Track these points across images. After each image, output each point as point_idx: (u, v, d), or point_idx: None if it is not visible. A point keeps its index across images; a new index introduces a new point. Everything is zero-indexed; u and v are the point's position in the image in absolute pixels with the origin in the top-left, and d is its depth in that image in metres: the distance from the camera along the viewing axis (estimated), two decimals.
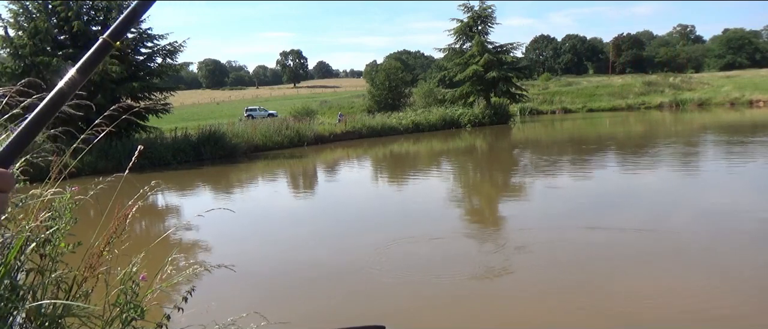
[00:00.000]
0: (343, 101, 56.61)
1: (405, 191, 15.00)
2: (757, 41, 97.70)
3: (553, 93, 55.36)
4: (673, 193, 11.88)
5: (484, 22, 39.32)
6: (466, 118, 35.63)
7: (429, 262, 7.43)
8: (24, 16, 21.50)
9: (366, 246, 8.27)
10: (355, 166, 22.39)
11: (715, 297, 5.70)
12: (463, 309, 5.81)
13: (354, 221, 11.00)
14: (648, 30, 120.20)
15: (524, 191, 13.67)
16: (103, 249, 2.33)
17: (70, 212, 2.28)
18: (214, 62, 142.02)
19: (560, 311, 5.60)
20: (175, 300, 2.54)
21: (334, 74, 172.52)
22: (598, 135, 29.14)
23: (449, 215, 11.15)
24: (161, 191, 14.84)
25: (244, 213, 11.78)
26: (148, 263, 2.40)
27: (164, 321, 2.34)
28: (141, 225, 10.95)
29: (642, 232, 8.36)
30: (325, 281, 6.90)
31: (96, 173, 5.32)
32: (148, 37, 23.73)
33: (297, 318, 5.55)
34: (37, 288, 2.11)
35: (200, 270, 2.61)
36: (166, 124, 26.93)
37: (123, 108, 2.93)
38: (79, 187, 2.39)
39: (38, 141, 2.76)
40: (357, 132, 30.58)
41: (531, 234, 8.70)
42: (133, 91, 21.81)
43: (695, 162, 16.93)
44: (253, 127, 27.96)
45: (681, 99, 48.34)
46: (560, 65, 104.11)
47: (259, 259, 8.11)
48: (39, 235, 2.17)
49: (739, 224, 8.44)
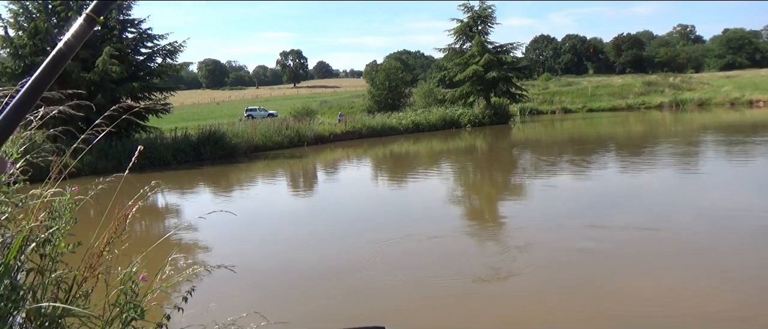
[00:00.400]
0: (343, 101, 56.62)
1: (405, 191, 15.00)
2: (757, 41, 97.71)
3: (553, 93, 55.38)
4: (673, 193, 11.88)
5: (484, 22, 39.33)
6: (466, 118, 35.64)
7: (429, 262, 7.43)
8: (24, 16, 21.51)
9: (366, 246, 8.27)
10: (355, 166, 22.39)
11: (715, 297, 5.71)
12: (463, 309, 5.81)
13: (354, 221, 11.01)
14: (648, 30, 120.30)
15: (524, 191, 13.67)
16: (103, 249, 2.33)
17: (70, 212, 2.28)
18: (214, 62, 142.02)
19: (560, 311, 5.60)
20: (175, 300, 2.54)
21: (334, 74, 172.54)
22: (598, 135, 29.15)
23: (449, 215, 11.15)
24: (161, 191, 14.85)
25: (244, 213, 11.78)
26: (148, 263, 2.40)
27: (164, 321, 2.33)
28: (141, 225, 10.95)
29: (642, 232, 8.35)
30: (325, 281, 6.90)
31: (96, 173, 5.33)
32: (148, 37, 23.74)
33: (297, 318, 5.55)
34: (37, 288, 2.11)
35: (200, 270, 2.61)
36: (166, 124, 26.94)
37: (123, 108, 2.92)
38: (79, 187, 2.39)
39: (38, 141, 2.76)
40: (357, 132, 30.59)
41: (531, 234, 8.70)
42: (133, 91, 21.81)
43: (695, 162, 16.93)
44: (253, 127, 27.97)
45: (681, 99, 48.34)
46: (560, 65, 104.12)
47: (259, 259, 8.11)
48: (39, 235, 2.17)
49: (739, 224, 8.44)
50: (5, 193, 2.15)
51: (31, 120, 2.40)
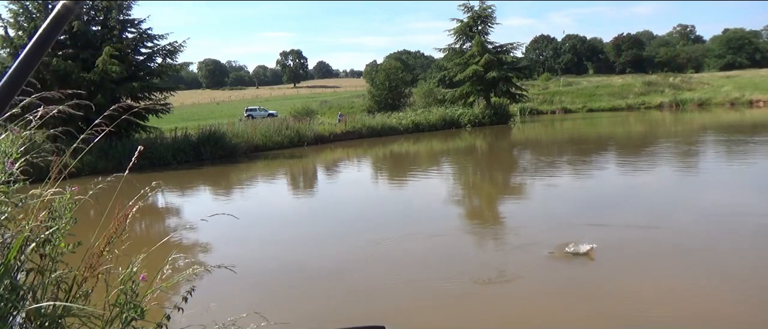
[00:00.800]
0: (343, 101, 56.62)
1: (405, 191, 15.00)
2: (757, 41, 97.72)
3: (553, 93, 55.39)
4: (673, 193, 11.88)
5: (484, 22, 39.33)
6: (466, 118, 35.64)
7: (429, 262, 7.43)
8: (24, 16, 21.51)
9: (366, 246, 8.28)
10: (355, 166, 22.40)
11: (715, 297, 5.71)
12: (463, 309, 5.81)
13: (354, 221, 11.00)
14: (648, 30, 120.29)
15: (524, 191, 13.67)
16: (103, 249, 2.33)
17: (70, 212, 2.28)
18: (214, 62, 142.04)
19: (560, 311, 5.60)
20: (175, 300, 2.53)
21: (334, 74, 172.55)
22: (598, 135, 29.15)
23: (449, 215, 11.15)
24: (161, 191, 14.85)
25: (244, 213, 11.78)
26: (148, 263, 2.40)
27: (164, 321, 2.33)
28: (141, 226, 10.95)
29: (642, 232, 8.35)
30: (325, 281, 6.90)
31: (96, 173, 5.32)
32: (148, 37, 23.73)
33: (297, 318, 5.55)
34: (37, 288, 2.11)
35: (200, 271, 2.61)
36: (166, 124, 26.94)
37: (123, 108, 2.92)
38: (79, 187, 2.39)
39: (38, 141, 2.76)
40: (357, 132, 30.59)
41: (531, 234, 8.70)
42: (133, 91, 21.80)
43: (695, 162, 16.93)
44: (253, 127, 27.97)
45: (681, 99, 48.35)
46: (560, 65, 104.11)
47: (259, 259, 8.11)
48: (39, 235, 2.17)
49: (739, 224, 8.44)
50: (5, 193, 2.15)
51: (30, 120, 2.40)
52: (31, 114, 2.42)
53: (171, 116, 26.62)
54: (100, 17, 23.09)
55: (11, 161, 2.20)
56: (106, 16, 22.90)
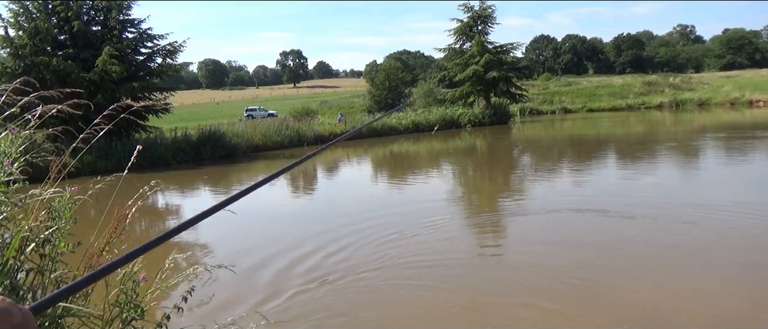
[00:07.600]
0: (343, 101, 56.63)
1: (405, 191, 14.99)
2: (757, 41, 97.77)
3: (553, 93, 55.41)
4: (673, 193, 11.86)
5: (484, 22, 39.35)
6: (466, 118, 35.64)
7: (429, 262, 7.42)
8: (24, 16, 21.51)
9: (366, 246, 8.27)
10: (355, 166, 22.39)
11: (715, 297, 5.70)
12: (463, 309, 5.81)
13: (354, 221, 10.99)
14: (648, 30, 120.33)
15: (524, 191, 13.65)
16: (103, 249, 2.33)
17: (70, 212, 2.28)
18: (214, 62, 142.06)
19: (560, 311, 5.59)
20: (175, 300, 2.53)
21: (334, 74, 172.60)
22: (598, 135, 29.15)
23: (449, 214, 11.14)
24: (161, 191, 14.84)
25: (244, 213, 11.76)
26: (148, 263, 2.39)
27: (164, 321, 2.33)
28: (141, 225, 10.95)
29: (642, 232, 8.35)
30: (325, 281, 6.90)
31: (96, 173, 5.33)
32: (148, 37, 23.75)
33: (297, 318, 5.55)
34: (37, 288, 2.11)
35: (200, 270, 2.61)
36: (166, 124, 26.94)
37: (122, 108, 2.92)
38: (78, 187, 2.39)
39: (38, 141, 2.75)
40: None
41: (530, 234, 8.70)
42: (133, 91, 21.80)
43: (695, 162, 16.93)
44: (253, 127, 27.98)
45: (681, 99, 48.38)
46: (560, 65, 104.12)
47: (259, 259, 8.10)
48: (39, 235, 2.17)
49: (739, 224, 8.43)
50: (5, 193, 2.15)
51: (30, 120, 2.40)
52: (30, 113, 2.41)
53: (171, 116, 26.63)
54: (100, 17, 23.09)
55: (10, 161, 2.19)
56: (106, 16, 22.90)
